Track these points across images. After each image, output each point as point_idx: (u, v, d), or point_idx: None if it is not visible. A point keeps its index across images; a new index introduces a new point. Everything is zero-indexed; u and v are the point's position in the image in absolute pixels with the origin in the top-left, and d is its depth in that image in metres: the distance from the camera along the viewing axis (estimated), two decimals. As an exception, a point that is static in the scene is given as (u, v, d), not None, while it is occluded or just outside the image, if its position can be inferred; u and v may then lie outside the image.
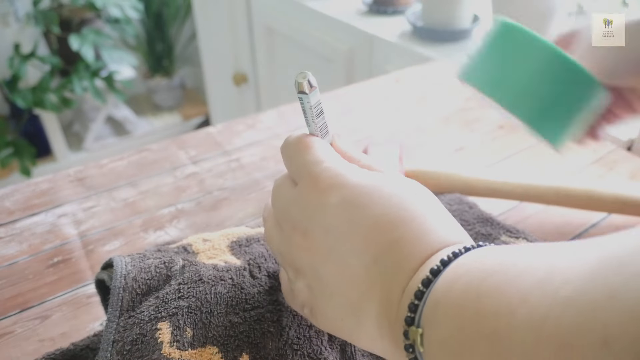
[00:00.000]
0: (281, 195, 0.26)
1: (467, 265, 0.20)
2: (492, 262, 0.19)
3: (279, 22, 1.36)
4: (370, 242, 0.22)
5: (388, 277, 0.22)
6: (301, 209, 0.24)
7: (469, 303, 0.18)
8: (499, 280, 0.17)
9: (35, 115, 1.77)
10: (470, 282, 0.18)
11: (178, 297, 0.29)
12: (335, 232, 0.23)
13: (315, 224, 0.24)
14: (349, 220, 0.23)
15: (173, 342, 0.28)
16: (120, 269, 0.31)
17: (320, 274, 0.24)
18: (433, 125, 0.62)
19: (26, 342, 0.36)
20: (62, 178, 0.53)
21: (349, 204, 0.23)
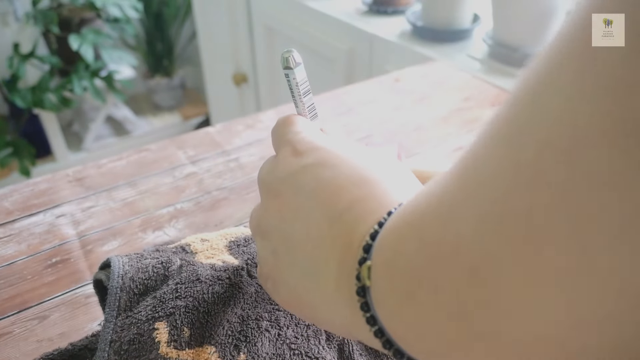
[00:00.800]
0: (262, 169, 0.27)
1: (410, 200, 0.20)
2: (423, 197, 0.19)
3: (279, 22, 1.36)
4: (338, 198, 0.22)
5: (350, 230, 0.21)
6: (277, 174, 0.25)
7: (405, 218, 0.19)
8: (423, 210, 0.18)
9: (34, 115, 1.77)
10: (409, 205, 0.19)
11: (175, 297, 0.29)
12: (305, 190, 0.23)
13: (287, 185, 0.24)
14: (319, 178, 0.23)
15: (170, 342, 0.28)
16: (117, 269, 0.31)
17: (287, 233, 0.24)
18: (432, 125, 0.62)
19: (24, 343, 0.36)
20: (60, 178, 0.53)
21: (320, 164, 0.24)
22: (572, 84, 0.13)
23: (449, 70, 0.76)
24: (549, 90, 0.14)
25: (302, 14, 1.24)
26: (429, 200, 0.18)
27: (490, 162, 0.15)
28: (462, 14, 0.99)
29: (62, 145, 1.89)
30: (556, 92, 0.13)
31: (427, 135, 0.60)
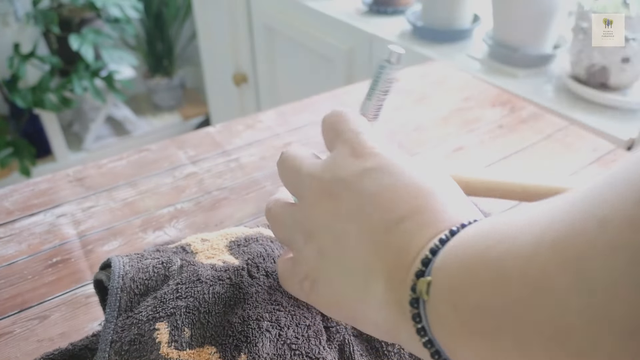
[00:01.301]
0: (305, 165, 0.26)
1: (478, 227, 0.20)
2: (497, 221, 0.20)
3: (279, 22, 1.36)
4: (396, 205, 0.23)
5: (406, 239, 0.22)
6: (336, 173, 0.25)
7: (477, 249, 0.19)
8: (504, 233, 0.18)
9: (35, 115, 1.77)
10: (479, 234, 0.19)
11: (176, 297, 0.29)
12: (365, 193, 0.23)
13: (347, 186, 0.24)
14: (379, 184, 0.23)
15: (171, 342, 0.28)
16: (118, 269, 0.31)
17: (340, 233, 0.24)
18: (432, 125, 0.62)
19: (25, 342, 0.36)
20: (61, 178, 0.53)
21: (380, 170, 0.24)
22: None
23: (449, 70, 0.76)
24: None
25: (302, 14, 1.24)
26: (514, 250, 0.17)
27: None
28: (462, 14, 0.99)
29: (62, 145, 1.89)
30: None
31: (427, 135, 0.60)
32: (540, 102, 0.79)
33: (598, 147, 0.57)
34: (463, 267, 0.19)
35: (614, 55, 0.74)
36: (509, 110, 0.65)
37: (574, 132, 0.60)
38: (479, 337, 0.18)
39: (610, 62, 0.75)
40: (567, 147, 0.57)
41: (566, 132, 0.60)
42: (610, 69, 0.75)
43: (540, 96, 0.82)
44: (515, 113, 0.64)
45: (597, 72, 0.77)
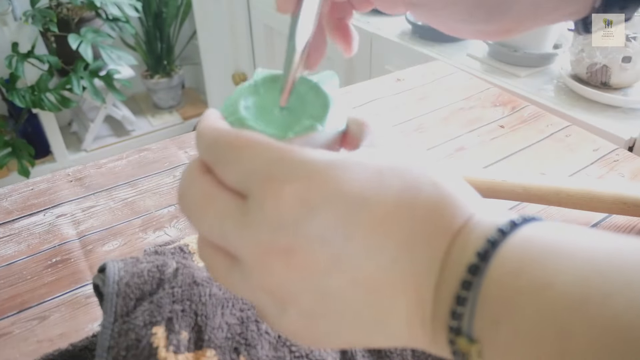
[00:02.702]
0: (224, 216, 0.19)
1: (521, 262, 0.16)
2: (554, 262, 0.15)
3: (279, 22, 1.36)
4: (381, 236, 0.18)
5: (414, 271, 0.18)
6: (272, 227, 0.18)
7: (545, 324, 0.15)
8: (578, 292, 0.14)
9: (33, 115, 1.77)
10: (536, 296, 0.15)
11: (172, 301, 0.29)
12: (334, 238, 0.18)
13: (303, 239, 0.18)
14: (348, 217, 0.18)
15: (169, 346, 0.27)
16: (112, 274, 0.30)
17: (324, 292, 0.19)
18: (433, 124, 0.62)
19: (24, 343, 0.36)
20: (60, 178, 0.52)
21: (340, 199, 0.18)
22: None
23: (449, 69, 0.76)
24: None
25: (302, 14, 1.23)
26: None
27: None
28: (462, 14, 0.99)
29: (61, 145, 1.88)
30: None
31: (428, 135, 0.60)
32: (541, 101, 0.79)
33: (599, 147, 0.57)
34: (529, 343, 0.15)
35: (615, 54, 0.74)
36: (510, 110, 0.65)
37: (575, 132, 0.60)
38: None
39: (611, 61, 0.75)
40: (568, 147, 0.57)
41: (567, 131, 0.60)
42: (611, 68, 0.75)
43: (541, 96, 0.82)
44: (516, 113, 0.64)
45: (598, 71, 0.77)
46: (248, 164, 0.19)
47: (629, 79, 0.77)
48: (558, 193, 0.44)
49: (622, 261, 0.15)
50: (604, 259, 0.15)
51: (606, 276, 0.14)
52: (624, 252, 0.15)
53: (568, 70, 0.83)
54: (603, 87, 0.78)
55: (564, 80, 0.83)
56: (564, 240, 0.16)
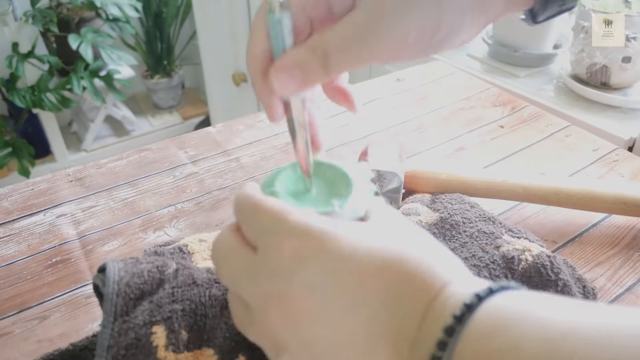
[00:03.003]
0: (237, 266, 0.23)
1: (495, 323, 0.17)
2: (533, 331, 0.17)
3: (278, 22, 1.35)
4: (363, 293, 0.20)
5: (392, 329, 0.19)
6: (271, 276, 0.21)
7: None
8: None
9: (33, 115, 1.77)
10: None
11: (172, 301, 0.29)
12: (320, 289, 0.20)
13: (294, 287, 0.21)
14: (333, 274, 0.20)
15: (169, 346, 0.28)
16: (112, 274, 0.30)
17: (308, 340, 0.21)
18: (433, 124, 0.62)
19: (25, 343, 0.36)
20: (60, 178, 0.53)
21: (329, 257, 0.21)
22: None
23: (449, 69, 0.76)
24: None
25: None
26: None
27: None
28: (462, 14, 0.99)
29: (61, 145, 1.88)
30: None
31: (427, 135, 0.60)
32: (541, 101, 0.79)
33: (599, 147, 0.57)
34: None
35: (615, 54, 0.74)
36: (510, 110, 0.65)
37: (575, 132, 0.60)
38: None
39: (611, 61, 0.75)
40: (568, 147, 0.57)
41: (567, 131, 0.60)
42: (611, 68, 0.75)
43: (541, 96, 0.82)
44: (516, 113, 0.64)
45: (597, 71, 0.77)
46: (261, 223, 0.22)
47: (628, 79, 0.77)
48: (558, 193, 0.44)
49: (585, 326, 0.16)
50: (566, 324, 0.16)
51: (569, 339, 0.16)
52: (588, 316, 0.16)
53: (568, 70, 0.83)
54: (603, 87, 0.78)
55: (564, 81, 0.83)
56: (532, 309, 0.17)
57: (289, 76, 0.24)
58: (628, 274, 0.41)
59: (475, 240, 0.40)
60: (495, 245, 0.39)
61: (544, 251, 0.37)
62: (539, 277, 0.35)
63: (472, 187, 0.46)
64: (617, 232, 0.45)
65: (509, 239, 0.39)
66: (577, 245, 0.44)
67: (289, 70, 0.23)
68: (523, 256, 0.37)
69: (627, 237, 0.44)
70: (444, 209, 0.43)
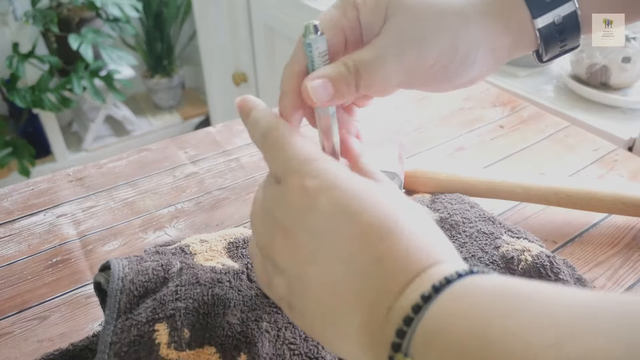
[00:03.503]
0: (265, 192, 0.26)
1: (462, 301, 0.18)
2: (490, 303, 0.17)
3: (279, 22, 1.36)
4: (357, 252, 0.21)
5: (373, 291, 0.21)
6: (285, 209, 0.24)
7: (470, 353, 0.17)
8: (504, 331, 0.16)
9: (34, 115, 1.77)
10: (469, 327, 0.17)
11: (175, 299, 0.29)
12: (321, 236, 0.22)
13: (300, 226, 0.23)
14: (337, 225, 0.22)
15: (171, 343, 0.28)
16: (117, 271, 0.31)
17: (301, 276, 0.23)
18: (433, 124, 0.62)
19: (25, 343, 0.36)
20: (61, 178, 0.53)
21: (337, 208, 0.22)
22: None
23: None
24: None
25: (302, 14, 1.24)
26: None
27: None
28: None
29: (61, 145, 1.88)
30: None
31: (427, 135, 0.60)
32: (541, 102, 0.79)
33: (599, 147, 0.57)
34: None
35: (615, 54, 0.74)
36: (510, 110, 0.65)
37: (575, 132, 0.60)
38: None
39: (610, 61, 0.75)
40: (568, 147, 0.57)
41: (567, 132, 0.60)
42: (611, 69, 0.75)
43: (541, 96, 0.82)
44: (516, 113, 0.64)
45: (597, 71, 0.77)
46: (284, 158, 0.25)
47: (628, 80, 0.77)
48: (557, 193, 0.44)
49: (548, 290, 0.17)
50: (525, 292, 0.17)
51: (512, 317, 0.16)
52: (537, 293, 0.17)
53: (568, 70, 0.83)
54: (603, 88, 0.78)
55: (564, 81, 0.83)
56: (499, 283, 0.19)
57: (322, 87, 0.26)
58: (628, 273, 0.41)
59: (474, 241, 0.40)
60: (494, 245, 0.39)
61: (544, 251, 0.37)
62: (538, 277, 0.35)
63: (472, 187, 0.46)
64: (616, 232, 0.45)
65: (509, 239, 0.39)
66: (577, 245, 0.44)
67: (322, 81, 0.26)
68: (522, 256, 0.37)
69: (627, 237, 0.44)
70: (443, 209, 0.43)
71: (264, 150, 0.26)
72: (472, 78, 0.30)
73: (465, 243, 0.40)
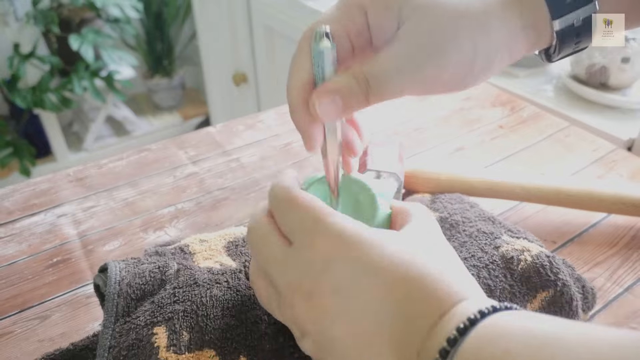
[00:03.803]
0: (272, 255, 0.25)
1: (491, 335, 0.19)
2: (521, 340, 0.18)
3: (279, 22, 1.36)
4: (382, 301, 0.22)
5: (404, 335, 0.21)
6: (302, 271, 0.23)
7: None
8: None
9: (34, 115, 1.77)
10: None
11: (173, 302, 0.29)
12: (345, 292, 0.22)
13: (321, 286, 0.23)
14: (359, 279, 0.22)
15: (170, 347, 0.28)
16: (114, 275, 0.31)
17: (329, 335, 0.23)
18: (433, 124, 0.62)
19: (25, 342, 0.36)
20: (61, 178, 0.53)
21: (357, 263, 0.22)
22: None
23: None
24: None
25: (302, 14, 1.24)
26: None
27: None
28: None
29: (62, 146, 1.88)
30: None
31: (427, 135, 0.60)
32: (541, 102, 0.79)
33: (598, 147, 0.57)
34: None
35: (614, 55, 0.74)
36: (509, 111, 0.65)
37: (574, 132, 0.60)
38: None
39: (610, 62, 0.75)
40: (567, 147, 0.57)
41: (566, 132, 0.60)
42: (610, 69, 0.75)
43: (541, 96, 0.82)
44: (516, 113, 0.64)
45: (597, 72, 0.77)
46: (297, 219, 0.24)
47: (627, 80, 0.77)
48: (557, 193, 0.44)
49: (567, 334, 0.18)
50: (551, 333, 0.18)
51: (551, 345, 0.17)
52: (571, 327, 0.18)
53: (567, 70, 0.83)
54: (602, 88, 0.78)
55: (563, 81, 0.83)
56: (524, 322, 0.19)
57: (330, 102, 0.25)
58: (627, 273, 0.41)
59: (474, 240, 0.40)
60: (494, 245, 0.39)
61: (543, 251, 0.37)
62: (538, 277, 0.35)
63: (472, 187, 0.46)
64: (616, 232, 0.45)
65: (508, 239, 0.39)
66: (576, 245, 0.44)
67: (331, 96, 0.25)
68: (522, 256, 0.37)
69: (626, 237, 0.44)
70: (443, 208, 0.43)
71: (273, 209, 0.26)
72: (484, 79, 0.29)
73: (465, 242, 0.40)
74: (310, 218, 0.24)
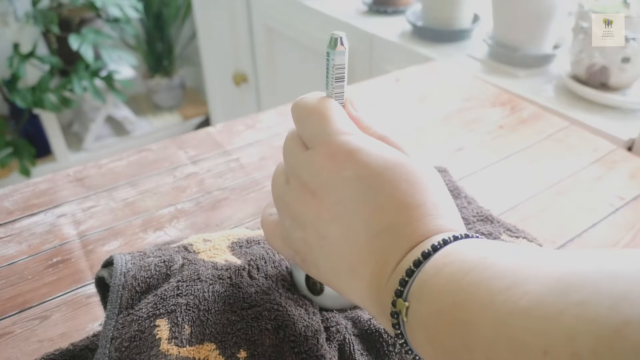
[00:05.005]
0: (292, 154, 0.28)
1: (453, 256, 0.22)
2: (473, 258, 0.21)
3: (279, 22, 1.36)
4: (376, 219, 0.24)
5: (386, 250, 0.24)
6: (313, 174, 0.26)
7: (449, 293, 0.20)
8: (475, 279, 0.20)
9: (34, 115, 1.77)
10: (453, 273, 0.21)
11: (176, 295, 0.30)
12: (346, 203, 0.25)
13: (327, 191, 0.25)
14: (360, 197, 0.25)
15: (171, 339, 0.28)
16: (120, 266, 0.31)
17: (323, 233, 0.26)
18: (433, 125, 0.62)
19: (25, 343, 0.36)
20: (61, 178, 0.53)
21: (361, 182, 0.25)
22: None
23: (449, 70, 0.76)
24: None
25: (302, 14, 1.24)
26: (500, 300, 0.18)
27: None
28: (462, 14, 0.99)
29: (62, 146, 1.88)
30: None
31: (427, 136, 0.60)
32: (541, 102, 0.79)
33: (598, 147, 0.57)
34: (436, 308, 0.21)
35: (614, 55, 0.74)
36: (509, 111, 0.65)
37: (574, 132, 0.60)
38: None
39: (610, 62, 0.75)
40: (568, 147, 0.57)
41: (566, 132, 0.60)
42: (611, 69, 0.75)
43: (541, 96, 0.82)
44: (516, 113, 0.64)
45: (597, 72, 0.77)
46: (311, 126, 0.27)
47: (627, 80, 0.77)
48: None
49: (525, 263, 0.20)
50: (521, 263, 0.20)
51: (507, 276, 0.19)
52: (531, 257, 0.20)
53: (567, 70, 0.83)
54: (602, 88, 0.78)
55: (563, 81, 0.83)
56: (489, 249, 0.22)
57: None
58: (627, 274, 0.41)
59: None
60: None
61: (543, 251, 0.37)
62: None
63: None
64: (616, 232, 0.45)
65: (508, 238, 0.39)
66: (577, 245, 0.44)
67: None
68: (522, 256, 0.37)
69: (627, 237, 0.44)
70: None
71: (296, 118, 0.28)
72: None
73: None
74: (327, 131, 0.26)
